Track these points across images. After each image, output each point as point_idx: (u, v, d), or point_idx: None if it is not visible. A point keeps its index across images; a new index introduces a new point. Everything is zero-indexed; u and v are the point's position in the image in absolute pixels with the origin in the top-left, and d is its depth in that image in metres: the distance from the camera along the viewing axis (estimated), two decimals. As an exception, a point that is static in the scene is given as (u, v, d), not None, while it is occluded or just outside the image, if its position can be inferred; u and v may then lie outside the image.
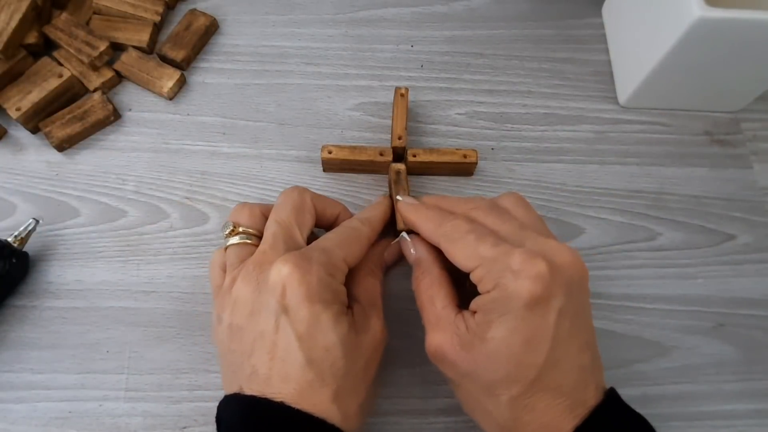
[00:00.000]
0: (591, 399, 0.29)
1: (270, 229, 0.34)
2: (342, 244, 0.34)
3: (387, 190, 0.43)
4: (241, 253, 0.34)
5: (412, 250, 0.36)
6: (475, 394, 0.31)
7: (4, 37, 0.42)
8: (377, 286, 0.36)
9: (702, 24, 0.36)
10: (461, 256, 0.31)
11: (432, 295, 0.33)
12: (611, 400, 0.30)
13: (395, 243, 0.38)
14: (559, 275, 0.29)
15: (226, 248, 0.35)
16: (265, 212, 0.36)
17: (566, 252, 0.30)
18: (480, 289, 0.30)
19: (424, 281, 0.34)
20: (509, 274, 0.29)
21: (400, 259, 0.38)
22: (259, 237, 0.35)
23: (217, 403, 0.32)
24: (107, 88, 0.45)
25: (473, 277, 0.31)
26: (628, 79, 0.45)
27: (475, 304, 0.31)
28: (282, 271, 0.30)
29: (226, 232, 0.35)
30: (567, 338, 0.29)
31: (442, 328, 0.31)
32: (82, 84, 0.44)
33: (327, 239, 0.34)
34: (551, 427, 0.29)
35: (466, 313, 0.31)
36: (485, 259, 0.30)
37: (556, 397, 0.29)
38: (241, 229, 0.35)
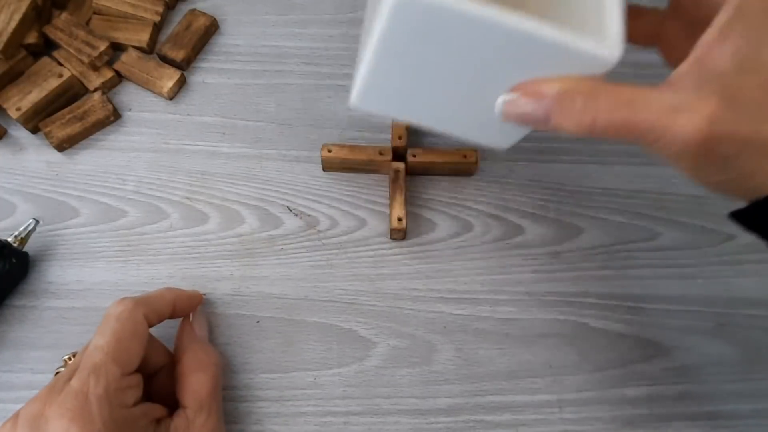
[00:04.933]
0: None
1: (89, 359, 0.29)
2: (118, 350, 0.29)
3: (387, 190, 0.43)
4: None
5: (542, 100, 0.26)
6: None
7: (4, 37, 0.42)
8: (205, 381, 0.32)
9: (402, 11, 0.25)
10: None
11: (634, 98, 0.24)
12: None
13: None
14: None
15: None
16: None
17: None
18: None
19: (607, 108, 0.25)
20: None
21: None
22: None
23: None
24: (107, 88, 0.45)
25: None
26: (357, 74, 0.31)
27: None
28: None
29: (61, 365, 0.32)
30: None
31: (687, 95, 0.24)
32: (82, 84, 0.44)
33: (98, 350, 0.29)
34: None
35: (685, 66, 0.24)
36: None
37: None
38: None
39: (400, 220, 0.40)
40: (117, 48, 0.46)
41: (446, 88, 0.29)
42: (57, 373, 0.32)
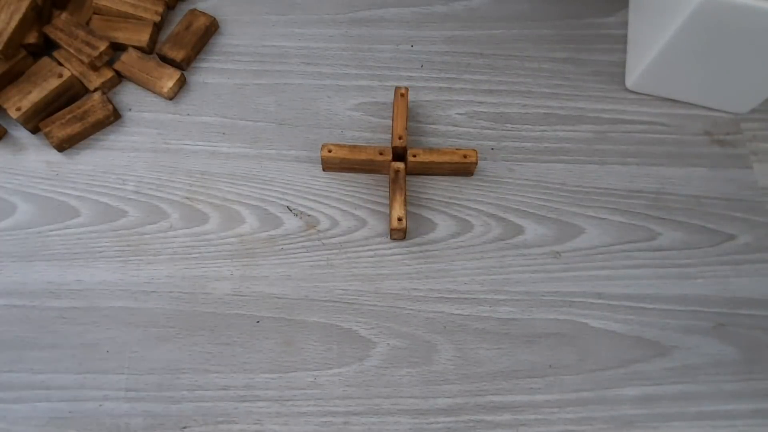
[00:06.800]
0: None
1: None
2: None
3: (387, 190, 0.43)
4: None
5: None
6: None
7: (4, 37, 0.42)
8: None
9: (705, 8, 0.36)
10: None
11: None
12: None
13: None
14: None
15: None
16: None
17: None
18: None
19: None
20: None
21: None
22: None
23: (216, 403, 0.31)
24: (107, 88, 0.45)
25: None
26: (637, 61, 0.45)
27: None
28: None
29: None
30: None
31: None
32: (82, 84, 0.44)
33: None
34: None
35: None
36: None
37: None
38: None
39: (400, 220, 0.40)
40: (117, 48, 0.46)
41: (720, 68, 0.38)
42: None
